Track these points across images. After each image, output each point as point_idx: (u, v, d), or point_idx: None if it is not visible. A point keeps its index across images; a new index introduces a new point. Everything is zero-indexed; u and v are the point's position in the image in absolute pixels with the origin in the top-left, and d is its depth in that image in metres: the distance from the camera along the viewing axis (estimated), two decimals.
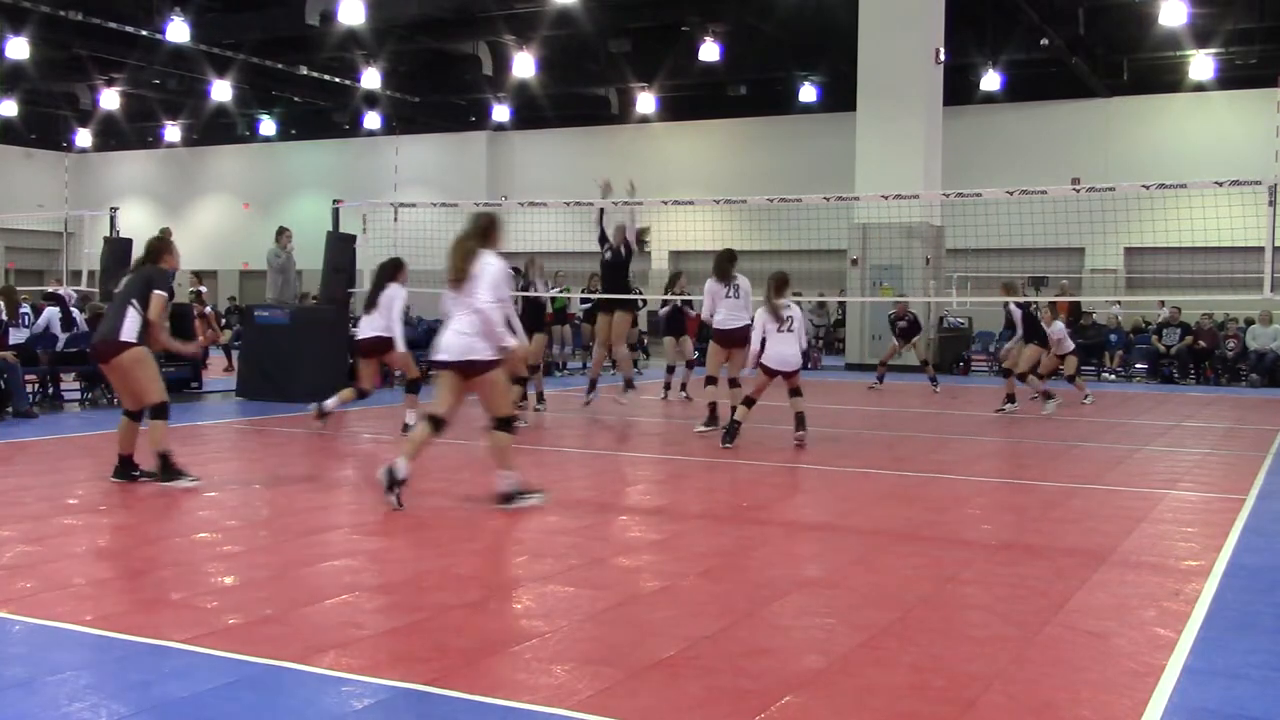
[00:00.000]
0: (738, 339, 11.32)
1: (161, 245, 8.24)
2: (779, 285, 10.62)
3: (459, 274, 7.12)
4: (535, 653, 4.42)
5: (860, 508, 7.92)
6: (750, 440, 10.64)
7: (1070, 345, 15.71)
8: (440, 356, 7.21)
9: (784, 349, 10.47)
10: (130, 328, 7.81)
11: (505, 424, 7.33)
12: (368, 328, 11.01)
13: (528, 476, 7.60)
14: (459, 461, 9.62)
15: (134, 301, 7.85)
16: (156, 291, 7.88)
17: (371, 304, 11.05)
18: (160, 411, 7.89)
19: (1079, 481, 8.94)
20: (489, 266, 7.12)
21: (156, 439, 7.91)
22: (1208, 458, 10.67)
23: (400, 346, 10.82)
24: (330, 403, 11.32)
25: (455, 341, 7.12)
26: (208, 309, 20.30)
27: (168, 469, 7.94)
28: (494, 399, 7.30)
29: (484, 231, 7.27)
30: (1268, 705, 4.04)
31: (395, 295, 10.86)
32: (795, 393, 10.74)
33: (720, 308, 11.41)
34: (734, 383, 11.39)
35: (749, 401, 10.54)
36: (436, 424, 7.19)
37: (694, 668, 4.27)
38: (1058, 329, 15.05)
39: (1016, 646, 4.60)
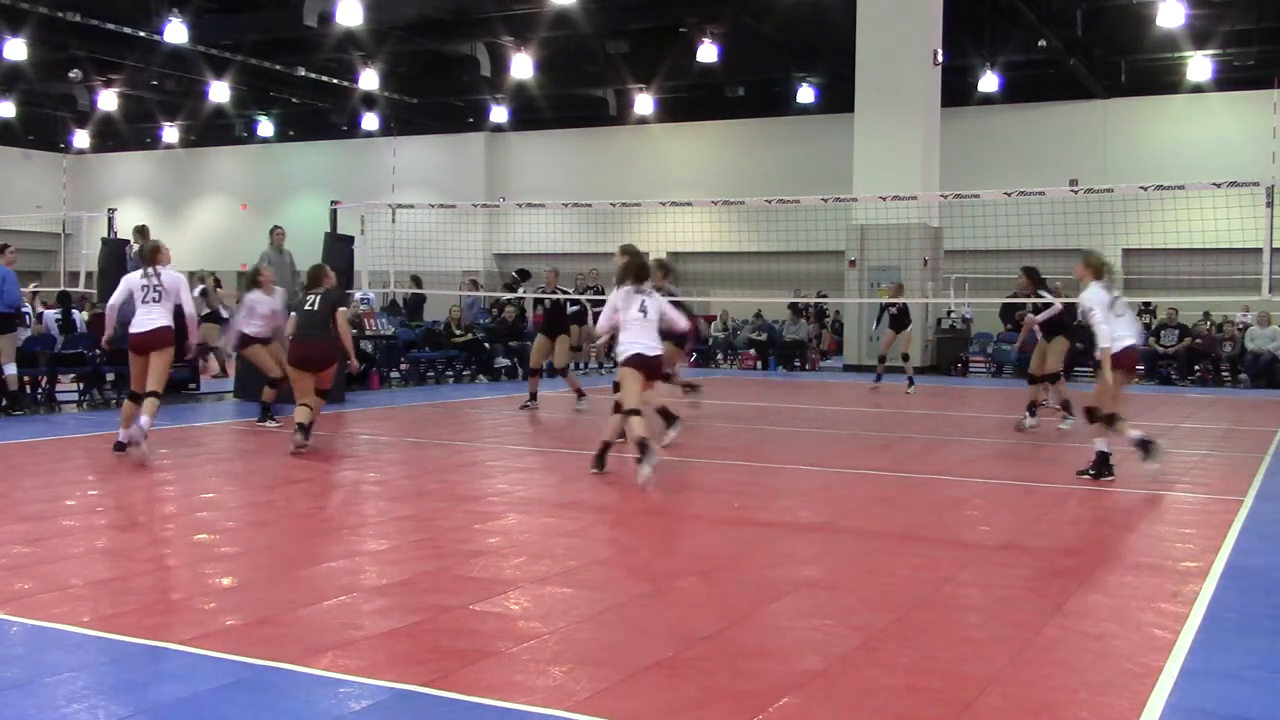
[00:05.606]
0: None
1: (321, 272, 10.35)
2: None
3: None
4: (533, 654, 4.42)
5: (858, 509, 7.92)
6: (746, 441, 10.64)
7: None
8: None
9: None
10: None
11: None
12: None
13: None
14: (458, 462, 9.62)
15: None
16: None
17: None
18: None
19: (1077, 483, 8.93)
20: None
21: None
22: (1206, 459, 10.67)
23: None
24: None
25: None
26: (221, 309, 20.21)
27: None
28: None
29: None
30: (1265, 706, 4.05)
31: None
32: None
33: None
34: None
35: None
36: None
37: (692, 669, 4.27)
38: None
39: (1014, 648, 4.60)
